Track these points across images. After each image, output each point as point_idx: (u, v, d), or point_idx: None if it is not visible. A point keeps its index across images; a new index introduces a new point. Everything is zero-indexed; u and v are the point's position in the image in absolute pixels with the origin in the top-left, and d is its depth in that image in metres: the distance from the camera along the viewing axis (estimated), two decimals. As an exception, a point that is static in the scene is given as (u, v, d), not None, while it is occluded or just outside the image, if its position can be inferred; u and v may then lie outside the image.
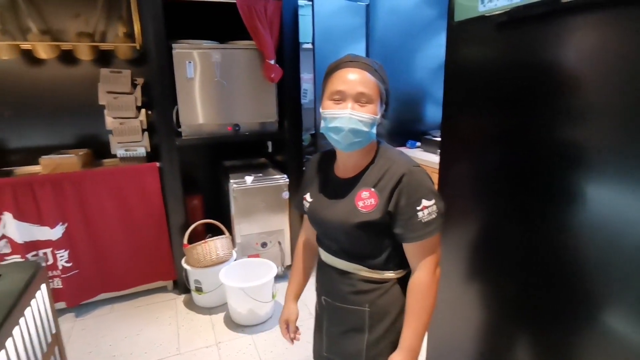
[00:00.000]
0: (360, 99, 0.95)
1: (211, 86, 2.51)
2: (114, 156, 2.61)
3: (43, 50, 2.48)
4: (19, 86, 2.62)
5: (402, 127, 3.13)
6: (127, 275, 2.58)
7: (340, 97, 0.96)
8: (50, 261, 2.39)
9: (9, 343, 0.94)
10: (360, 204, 1.00)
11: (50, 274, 2.41)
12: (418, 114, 3.22)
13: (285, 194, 2.70)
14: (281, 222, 2.75)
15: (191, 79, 2.46)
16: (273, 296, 2.38)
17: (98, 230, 2.44)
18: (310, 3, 2.60)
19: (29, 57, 2.57)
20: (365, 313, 1.06)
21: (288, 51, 2.64)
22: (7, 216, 2.24)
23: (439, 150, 1.70)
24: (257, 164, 3.14)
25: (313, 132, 3.20)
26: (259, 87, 2.63)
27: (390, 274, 1.06)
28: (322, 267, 1.17)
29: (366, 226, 0.99)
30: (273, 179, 2.66)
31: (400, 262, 1.06)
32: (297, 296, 1.27)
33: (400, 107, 3.09)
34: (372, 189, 1.00)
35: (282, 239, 2.78)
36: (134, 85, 2.59)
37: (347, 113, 0.94)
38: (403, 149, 3.04)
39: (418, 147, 3.04)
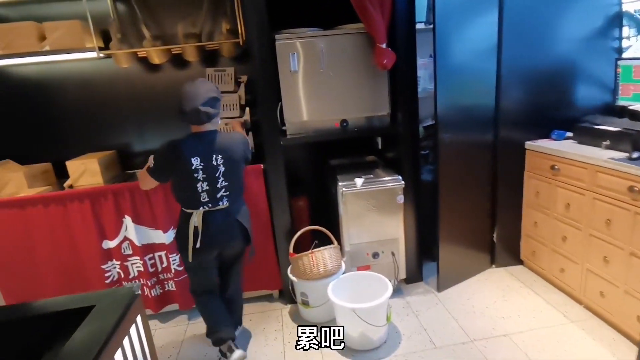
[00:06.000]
0: None
1: (316, 79, 2.27)
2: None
3: (156, 56, 2.50)
4: (138, 92, 2.72)
5: (543, 113, 2.48)
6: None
7: None
8: (165, 264, 2.42)
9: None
10: None
11: (164, 276, 2.45)
12: (565, 96, 2.51)
13: (400, 198, 2.33)
14: (395, 230, 2.40)
15: (295, 72, 2.24)
16: (388, 319, 2.05)
17: (206, 235, 2.39)
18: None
19: (145, 63, 2.64)
20: None
21: (402, 33, 2.26)
22: (127, 219, 2.30)
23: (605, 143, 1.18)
24: (365, 162, 2.83)
25: (429, 123, 2.76)
26: (369, 77, 2.31)
27: None
28: None
29: None
30: (386, 181, 2.31)
31: None
32: None
33: (539, 88, 2.44)
34: None
35: (396, 250, 2.43)
36: (237, 84, 2.49)
37: None
38: (546, 142, 2.42)
39: (568, 137, 2.40)
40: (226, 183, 1.84)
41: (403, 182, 2.30)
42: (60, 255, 2.30)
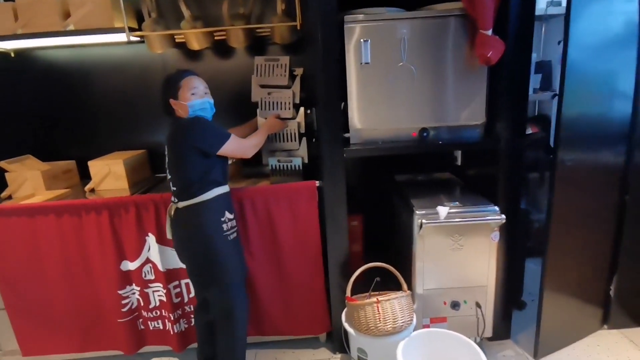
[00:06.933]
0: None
1: (394, 74, 1.75)
2: (260, 164, 2.08)
3: (196, 40, 2.09)
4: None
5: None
6: (273, 321, 2.05)
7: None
8: (192, 294, 2.00)
9: None
10: None
11: (190, 308, 2.03)
12: None
13: (496, 236, 1.78)
14: (483, 276, 1.84)
15: (367, 64, 1.74)
16: (479, 402, 1.51)
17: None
18: None
19: (183, 49, 2.23)
20: None
21: (515, 16, 1.69)
22: (151, 238, 1.90)
23: None
24: (441, 181, 2.28)
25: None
26: (463, 74, 1.76)
27: None
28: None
29: None
30: (480, 213, 1.76)
31: None
32: None
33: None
34: None
35: (483, 300, 1.87)
36: (292, 77, 2.01)
37: None
38: None
39: None
40: (170, 176, 1.69)
41: (504, 216, 1.74)
42: (73, 274, 1.94)
